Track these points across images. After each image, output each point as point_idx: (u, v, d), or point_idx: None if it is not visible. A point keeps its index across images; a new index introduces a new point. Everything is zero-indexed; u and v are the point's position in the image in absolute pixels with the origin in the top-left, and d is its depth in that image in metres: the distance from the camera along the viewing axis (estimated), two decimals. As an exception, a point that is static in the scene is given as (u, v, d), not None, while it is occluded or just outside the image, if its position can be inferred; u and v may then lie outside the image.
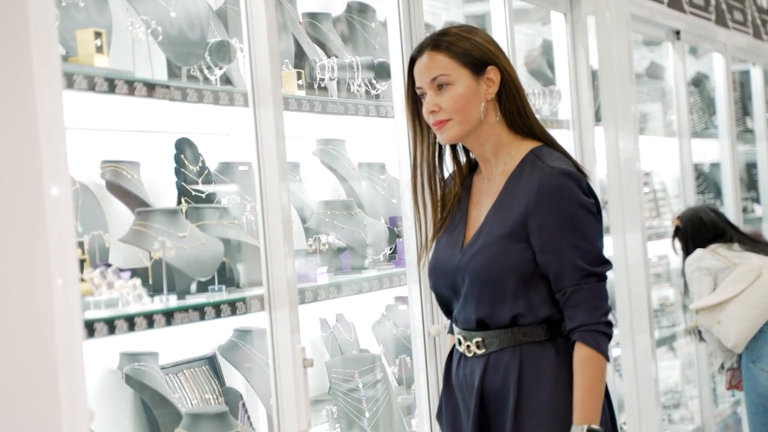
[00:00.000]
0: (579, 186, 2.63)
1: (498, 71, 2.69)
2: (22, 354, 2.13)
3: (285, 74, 3.48)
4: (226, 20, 3.47)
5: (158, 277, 3.00)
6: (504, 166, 2.72)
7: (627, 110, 5.48)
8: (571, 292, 2.61)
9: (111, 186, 3.15)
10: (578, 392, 2.59)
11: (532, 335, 2.65)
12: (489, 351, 2.68)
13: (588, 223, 2.63)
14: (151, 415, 3.11)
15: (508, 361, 2.65)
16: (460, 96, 2.67)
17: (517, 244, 2.63)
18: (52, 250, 2.11)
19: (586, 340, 2.59)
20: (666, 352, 6.43)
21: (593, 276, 2.62)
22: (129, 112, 3.09)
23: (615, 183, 5.43)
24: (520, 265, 2.62)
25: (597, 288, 2.63)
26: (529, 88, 5.16)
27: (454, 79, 2.67)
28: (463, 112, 2.68)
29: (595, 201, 2.66)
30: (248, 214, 3.38)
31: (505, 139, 2.73)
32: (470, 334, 2.71)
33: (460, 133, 2.70)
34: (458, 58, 2.68)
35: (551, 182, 2.61)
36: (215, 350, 3.44)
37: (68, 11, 2.89)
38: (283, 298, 3.06)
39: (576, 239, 2.61)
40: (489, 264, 2.64)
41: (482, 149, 2.75)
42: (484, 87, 2.69)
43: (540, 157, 2.68)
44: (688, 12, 6.56)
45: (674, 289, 6.53)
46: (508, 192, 2.69)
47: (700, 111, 7.22)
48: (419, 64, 2.72)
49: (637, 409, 5.45)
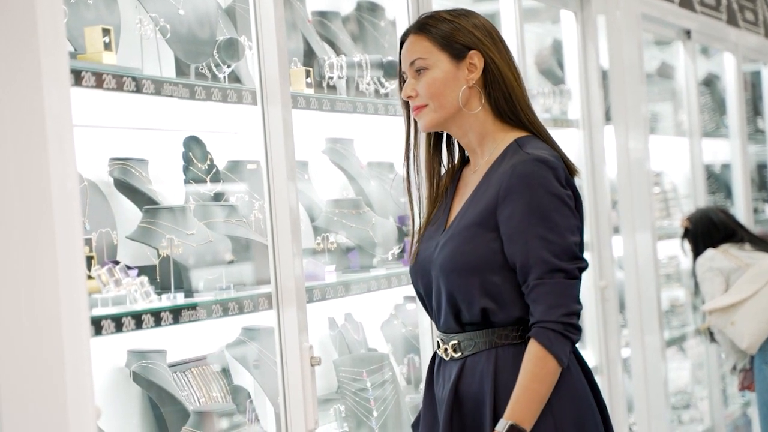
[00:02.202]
0: (555, 174, 2.45)
1: (481, 56, 2.54)
2: (30, 351, 2.13)
3: (294, 72, 3.47)
4: (234, 18, 3.47)
5: (166, 274, 3.00)
6: (489, 156, 2.58)
7: (637, 110, 5.46)
8: (534, 285, 2.43)
9: (119, 183, 3.15)
10: (516, 388, 2.42)
11: (508, 337, 2.50)
12: (465, 354, 2.54)
13: (560, 214, 2.44)
14: (158, 413, 3.10)
15: (484, 364, 2.51)
16: (435, 81, 2.54)
17: (486, 234, 2.48)
18: (60, 247, 2.11)
19: (538, 336, 2.41)
20: (676, 352, 6.41)
21: (560, 271, 2.43)
22: (137, 110, 3.08)
23: (625, 183, 5.42)
24: (488, 256, 2.47)
25: (562, 285, 2.43)
26: (539, 87, 5.15)
27: (432, 63, 2.55)
28: (438, 98, 2.54)
29: (573, 193, 2.50)
30: (256, 213, 3.37)
31: (491, 128, 2.58)
32: (448, 337, 2.57)
33: (436, 120, 2.57)
34: (438, 42, 2.55)
35: (524, 168, 2.44)
36: (223, 348, 3.43)
37: (77, 8, 2.89)
38: (291, 296, 3.06)
39: (544, 230, 2.43)
40: (454, 254, 2.50)
41: (467, 139, 2.61)
42: (464, 72, 2.55)
43: (522, 145, 2.52)
44: (699, 12, 6.54)
45: (684, 289, 6.51)
46: (486, 181, 2.54)
47: (710, 111, 7.20)
48: (403, 47, 2.61)
49: (646, 410, 5.43)
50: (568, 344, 2.43)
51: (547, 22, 5.61)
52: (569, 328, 2.43)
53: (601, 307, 5.05)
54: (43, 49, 2.11)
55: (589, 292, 5.10)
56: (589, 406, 2.53)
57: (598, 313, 5.05)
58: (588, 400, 2.53)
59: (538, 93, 5.01)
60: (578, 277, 2.48)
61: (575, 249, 2.47)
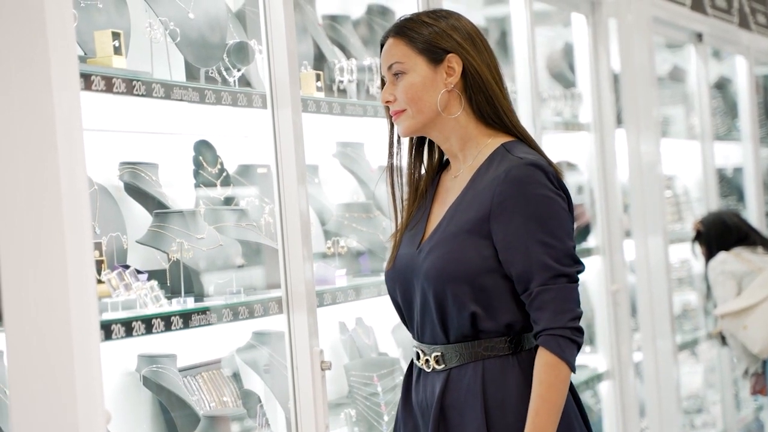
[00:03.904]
0: (548, 178, 2.39)
1: (459, 60, 2.47)
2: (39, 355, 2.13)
3: (304, 76, 3.47)
4: (244, 22, 3.47)
5: (176, 278, 3.00)
6: (472, 161, 2.51)
7: (649, 113, 5.45)
8: (538, 292, 2.36)
9: (129, 187, 3.15)
10: (533, 401, 2.35)
11: (495, 349, 2.43)
12: (449, 366, 2.45)
13: (558, 218, 2.39)
14: (168, 417, 3.10)
15: (470, 377, 2.43)
16: (412, 85, 2.47)
17: (477, 241, 2.40)
18: (70, 251, 2.10)
19: (548, 344, 2.35)
20: (688, 356, 6.39)
21: (563, 276, 2.37)
22: (147, 114, 3.08)
23: (637, 186, 5.40)
24: (479, 264, 2.39)
25: (566, 289, 2.37)
26: (550, 90, 5.14)
27: (409, 67, 2.48)
28: (416, 103, 2.48)
29: (566, 196, 2.44)
30: (267, 217, 3.37)
31: (473, 132, 2.51)
32: (429, 348, 2.48)
33: (415, 125, 2.51)
34: (415, 45, 2.48)
35: (518, 173, 2.38)
36: (233, 353, 3.43)
37: (87, 12, 2.89)
38: (301, 300, 3.05)
39: (544, 235, 2.36)
40: (442, 262, 2.41)
41: (449, 143, 2.54)
42: (442, 76, 2.48)
43: (510, 150, 2.45)
44: (710, 15, 6.52)
45: (696, 293, 6.49)
46: (473, 187, 2.46)
47: (722, 114, 7.18)
48: (382, 51, 2.54)
49: (658, 414, 5.42)
50: (576, 349, 2.38)
51: (558, 25, 5.60)
52: (576, 332, 2.38)
53: (613, 311, 5.03)
54: (52, 52, 2.10)
55: (601, 296, 5.10)
56: (575, 416, 2.48)
57: (610, 317, 5.04)
58: (573, 412, 2.48)
59: (549, 96, 5.00)
60: (578, 281, 2.42)
61: (574, 253, 2.42)
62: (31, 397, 2.13)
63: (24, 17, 2.11)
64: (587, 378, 4.95)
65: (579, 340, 2.38)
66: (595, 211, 5.13)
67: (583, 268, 2.44)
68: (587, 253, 5.04)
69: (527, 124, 4.52)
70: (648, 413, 5.45)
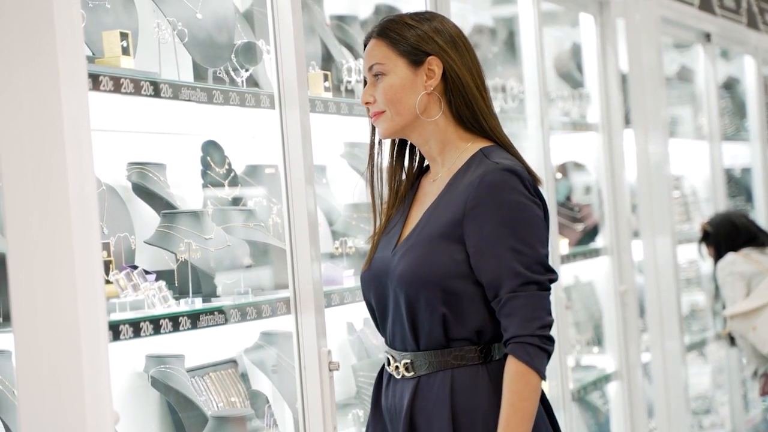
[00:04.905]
0: (523, 184, 2.36)
1: (440, 62, 2.45)
2: (47, 356, 2.13)
3: (312, 76, 3.47)
4: (252, 22, 3.47)
5: (184, 279, 3.00)
6: (451, 165, 2.49)
7: (657, 113, 5.44)
8: (507, 299, 2.33)
9: (137, 188, 3.15)
10: (503, 410, 2.31)
11: (465, 358, 2.40)
12: (418, 374, 2.43)
13: (530, 225, 2.36)
14: (177, 418, 3.10)
15: (439, 386, 2.40)
16: (392, 87, 2.46)
17: (449, 245, 2.38)
18: (78, 251, 2.10)
19: (517, 352, 2.31)
20: (696, 357, 6.38)
21: (533, 284, 2.33)
22: (155, 114, 3.08)
23: (645, 187, 5.39)
24: (450, 268, 2.37)
25: (536, 297, 2.33)
26: (558, 91, 5.13)
27: (389, 68, 2.46)
28: (395, 105, 2.46)
29: (542, 204, 2.41)
30: (274, 217, 3.37)
31: (452, 136, 2.49)
32: (399, 355, 2.46)
33: (393, 127, 2.49)
34: (396, 47, 2.46)
35: (493, 178, 2.35)
36: (241, 353, 3.43)
37: (95, 12, 2.89)
38: (309, 301, 3.05)
39: (516, 242, 2.33)
40: (414, 266, 2.39)
41: (428, 146, 2.52)
42: (422, 79, 2.46)
43: (488, 155, 2.43)
44: (718, 14, 6.51)
45: (704, 294, 6.48)
46: (449, 191, 2.44)
47: (730, 114, 7.17)
48: (365, 51, 2.53)
49: (666, 415, 5.41)
50: (546, 357, 2.34)
51: (566, 25, 5.59)
52: (545, 340, 2.33)
53: (621, 311, 5.03)
54: (61, 53, 2.10)
55: (609, 297, 5.09)
56: (545, 428, 2.45)
57: (618, 317, 5.03)
58: (544, 422, 2.45)
59: (557, 96, 4.99)
60: (549, 289, 2.38)
61: (546, 260, 2.38)
62: (40, 398, 2.13)
63: (32, 18, 2.11)
64: (595, 378, 4.94)
65: (548, 348, 2.34)
66: (603, 212, 5.13)
67: (556, 276, 2.40)
68: (595, 254, 5.04)
69: (535, 124, 4.52)
70: (656, 414, 5.44)
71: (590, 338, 5.26)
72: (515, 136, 4.69)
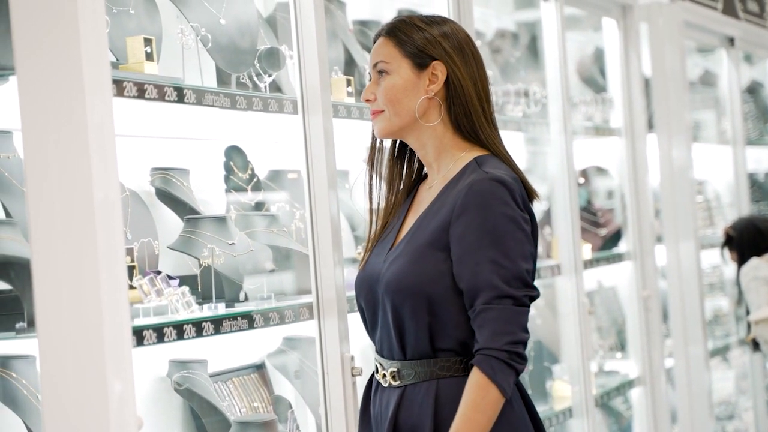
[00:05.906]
0: (512, 196, 2.34)
1: (444, 68, 2.45)
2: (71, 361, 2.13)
3: (334, 81, 3.47)
4: (275, 27, 3.47)
5: (207, 284, 3.00)
6: (446, 173, 2.47)
7: (680, 118, 5.42)
8: (480, 310, 2.30)
9: (160, 193, 3.15)
10: (456, 419, 2.29)
11: (450, 369, 2.38)
12: (404, 383, 2.42)
13: (514, 239, 2.32)
14: (199, 423, 3.10)
15: (423, 396, 2.38)
16: (393, 87, 2.45)
17: (435, 253, 2.36)
18: (102, 257, 2.11)
19: (481, 364, 2.27)
20: (719, 363, 6.35)
21: (508, 298, 2.29)
22: (178, 120, 3.09)
23: (668, 192, 5.37)
24: (435, 277, 2.35)
25: (510, 311, 2.29)
26: (581, 95, 5.12)
27: (393, 68, 2.46)
28: (395, 105, 2.46)
29: (530, 218, 2.38)
30: (297, 222, 3.37)
31: (449, 144, 2.48)
32: (387, 363, 2.45)
33: (390, 128, 2.48)
34: (403, 48, 2.46)
35: (481, 187, 2.33)
36: (264, 358, 3.43)
37: (119, 18, 2.90)
38: (332, 306, 3.05)
39: (496, 253, 2.30)
40: (401, 274, 2.38)
41: (425, 151, 2.51)
42: (425, 82, 2.45)
43: (481, 164, 2.42)
44: (742, 19, 6.48)
45: (728, 299, 6.45)
46: (440, 199, 2.43)
47: (754, 119, 7.13)
48: (372, 49, 2.52)
49: (690, 421, 5.38)
50: (512, 374, 2.30)
51: (588, 29, 5.58)
52: (514, 356, 2.29)
53: (644, 317, 5.01)
54: (85, 59, 2.11)
55: (632, 302, 5.07)
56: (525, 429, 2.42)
57: (641, 323, 5.01)
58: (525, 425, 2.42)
59: (579, 101, 4.98)
60: (527, 305, 2.34)
61: (526, 276, 2.34)
62: (64, 403, 2.13)
63: (57, 23, 2.12)
64: (618, 384, 4.92)
65: (516, 365, 2.30)
66: (626, 217, 5.11)
67: (537, 293, 2.36)
68: (618, 259, 5.02)
69: (558, 129, 4.50)
70: (679, 420, 5.41)
71: (613, 343, 5.24)
72: (537, 140, 4.69)
